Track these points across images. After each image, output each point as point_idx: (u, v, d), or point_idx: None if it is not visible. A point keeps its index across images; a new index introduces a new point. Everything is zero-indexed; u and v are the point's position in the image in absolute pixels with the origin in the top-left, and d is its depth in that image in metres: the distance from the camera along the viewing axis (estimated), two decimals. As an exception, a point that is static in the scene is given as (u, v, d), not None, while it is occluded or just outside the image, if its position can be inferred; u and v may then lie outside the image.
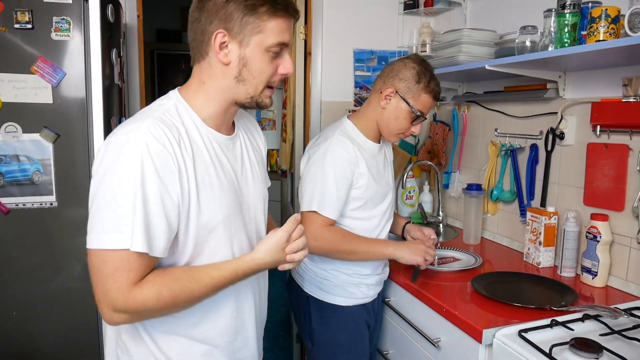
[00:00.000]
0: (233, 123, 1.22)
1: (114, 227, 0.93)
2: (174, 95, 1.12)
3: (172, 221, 1.00)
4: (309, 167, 1.66)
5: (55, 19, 1.71)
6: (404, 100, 1.64)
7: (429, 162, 2.70)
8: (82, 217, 1.81)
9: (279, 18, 1.05)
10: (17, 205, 1.75)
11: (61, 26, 1.72)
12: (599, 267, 1.70)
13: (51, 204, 1.78)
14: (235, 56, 1.06)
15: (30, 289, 1.79)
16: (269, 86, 1.11)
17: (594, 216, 1.71)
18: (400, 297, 1.85)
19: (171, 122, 1.04)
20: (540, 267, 1.94)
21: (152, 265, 1.00)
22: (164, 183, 0.97)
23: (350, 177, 1.64)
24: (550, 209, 1.92)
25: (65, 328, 1.84)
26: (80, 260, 1.82)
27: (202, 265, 1.07)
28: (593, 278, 1.72)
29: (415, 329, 1.71)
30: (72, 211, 1.80)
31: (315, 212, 1.60)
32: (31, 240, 1.78)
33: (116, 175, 0.95)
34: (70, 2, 1.72)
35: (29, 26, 1.69)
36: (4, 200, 1.73)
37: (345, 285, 1.72)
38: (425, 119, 1.70)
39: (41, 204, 1.77)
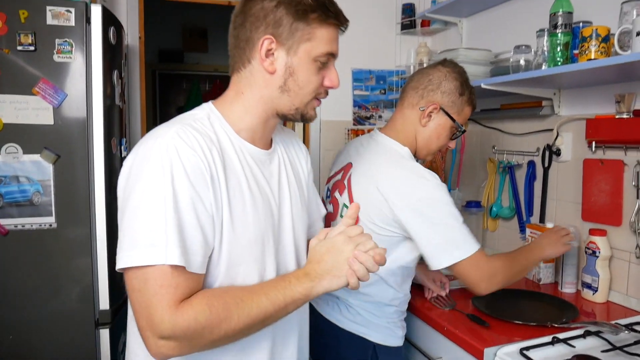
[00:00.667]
0: (271, 139, 1.14)
1: (144, 240, 0.84)
2: (206, 106, 1.05)
3: (207, 233, 0.91)
4: (422, 216, 1.39)
5: (57, 41, 1.74)
6: (448, 115, 1.50)
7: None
8: (81, 238, 1.82)
9: (329, 26, 0.99)
10: (16, 226, 1.75)
11: (63, 48, 1.75)
12: (599, 282, 1.69)
13: (50, 225, 1.79)
14: (281, 64, 0.99)
15: (28, 311, 1.78)
16: (316, 98, 1.06)
17: (592, 231, 1.72)
18: (400, 315, 1.84)
19: (203, 129, 0.96)
20: (541, 283, 1.93)
21: (199, 283, 0.90)
22: (196, 190, 0.89)
23: None
24: (549, 225, 1.92)
25: (62, 351, 1.83)
26: (78, 282, 1.82)
27: (258, 284, 0.96)
28: (594, 294, 1.71)
29: (417, 348, 1.70)
30: (71, 232, 1.81)
31: (472, 256, 1.38)
32: (29, 261, 1.78)
33: (144, 183, 0.87)
34: (73, 24, 1.75)
35: (32, 48, 1.72)
36: (3, 221, 1.74)
37: (401, 323, 1.59)
38: (465, 132, 1.57)
39: (40, 225, 1.78)
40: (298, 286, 0.93)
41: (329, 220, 1.59)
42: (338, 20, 1.00)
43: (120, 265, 0.86)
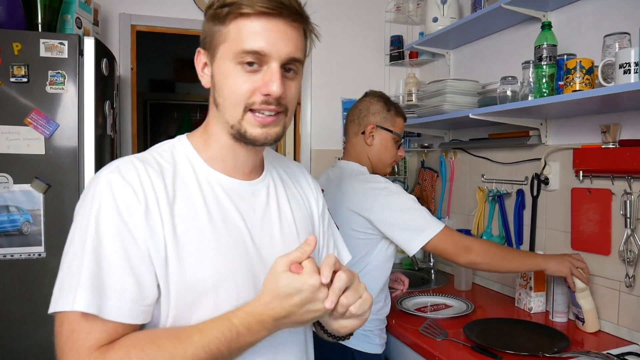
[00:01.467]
0: (262, 168, 1.01)
1: (62, 284, 0.76)
2: (178, 137, 0.95)
3: (142, 274, 0.78)
4: (390, 213, 1.62)
5: (50, 72, 1.76)
6: (385, 129, 1.78)
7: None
8: (70, 268, 1.80)
9: (247, 19, 0.81)
10: (5, 256, 1.73)
11: (56, 80, 1.76)
12: (583, 313, 1.70)
13: (39, 254, 1.77)
14: (210, 77, 0.89)
15: (15, 341, 1.75)
16: (252, 110, 0.85)
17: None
18: (391, 345, 1.83)
19: (155, 160, 0.87)
20: (532, 312, 1.93)
21: (125, 331, 0.77)
22: (127, 227, 0.78)
23: None
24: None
25: (49, 383, 1.79)
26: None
27: (193, 326, 0.79)
28: (582, 324, 1.72)
29: (408, 378, 1.68)
30: (59, 262, 1.78)
31: (441, 231, 1.59)
32: (16, 291, 1.75)
33: (75, 221, 0.81)
34: (66, 56, 1.77)
35: (25, 80, 1.73)
36: (-8, 251, 1.72)
37: (379, 332, 1.70)
38: (404, 138, 1.86)
39: (29, 255, 1.76)
40: (248, 337, 0.78)
41: None
42: (254, 9, 0.80)
43: (50, 309, 0.77)
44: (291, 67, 0.86)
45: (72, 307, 0.73)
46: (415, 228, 1.60)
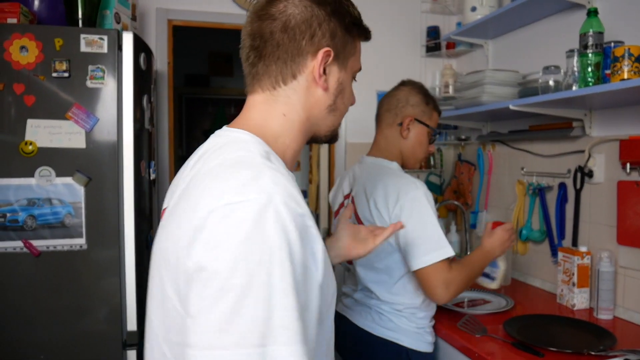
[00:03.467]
0: None
1: (246, 340, 0.62)
2: (247, 137, 0.81)
3: (320, 313, 0.72)
4: (410, 215, 1.50)
5: (90, 67, 1.79)
6: (422, 123, 1.70)
7: (456, 202, 2.67)
8: (109, 259, 1.84)
9: (363, 41, 0.94)
10: (48, 247, 1.78)
11: (96, 74, 1.79)
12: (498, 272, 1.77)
13: (81, 246, 1.81)
14: (334, 81, 0.87)
15: (57, 331, 1.80)
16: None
17: (628, 256, 1.66)
18: (429, 341, 1.80)
19: (282, 172, 0.74)
20: (575, 309, 1.87)
21: None
22: (306, 259, 0.68)
23: None
24: (582, 248, 1.87)
25: (91, 371, 1.84)
26: (107, 303, 1.83)
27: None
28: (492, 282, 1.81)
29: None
30: (100, 253, 1.83)
31: (439, 261, 1.47)
32: (59, 282, 1.80)
33: (246, 255, 0.63)
34: (106, 51, 1.80)
35: (66, 75, 1.76)
36: (36, 242, 1.77)
37: (430, 329, 1.67)
38: (438, 134, 1.80)
39: (71, 247, 1.80)
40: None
41: None
42: (369, 35, 0.93)
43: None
44: None
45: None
46: (426, 245, 1.47)
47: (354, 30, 0.88)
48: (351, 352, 1.66)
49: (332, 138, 0.95)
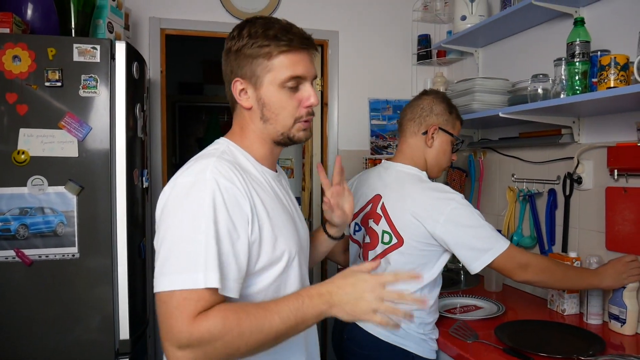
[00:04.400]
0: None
1: (187, 266, 0.92)
2: (222, 141, 1.17)
3: (241, 262, 0.99)
4: (457, 228, 1.55)
5: (83, 76, 1.80)
6: (446, 132, 1.71)
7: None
8: (102, 268, 1.84)
9: (285, 54, 1.08)
10: (40, 256, 1.78)
11: (89, 83, 1.80)
12: (627, 314, 1.65)
13: (73, 255, 1.81)
14: (253, 99, 1.11)
15: (50, 340, 1.79)
16: (300, 120, 1.13)
17: (617, 261, 1.68)
18: (422, 347, 1.81)
19: (231, 161, 1.07)
20: (565, 314, 1.89)
21: (219, 300, 0.95)
22: (233, 222, 0.98)
23: None
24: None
25: (83, 380, 1.83)
26: (99, 311, 1.83)
27: (273, 300, 1.00)
28: (622, 325, 1.67)
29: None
30: (92, 262, 1.83)
31: (507, 249, 1.53)
32: (52, 291, 1.80)
33: (186, 214, 0.96)
34: (98, 60, 1.81)
35: (59, 84, 1.77)
36: (28, 252, 1.77)
37: (434, 337, 1.69)
38: (463, 141, 1.82)
39: (63, 256, 1.80)
40: (310, 308, 0.97)
41: (366, 249, 1.72)
42: (291, 46, 1.08)
43: (161, 287, 0.92)
44: (312, 82, 1.15)
45: (205, 285, 0.91)
46: (480, 247, 1.53)
47: (262, 51, 1.07)
48: (359, 356, 1.66)
49: (290, 139, 1.15)
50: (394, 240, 1.63)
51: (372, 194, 1.74)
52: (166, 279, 0.92)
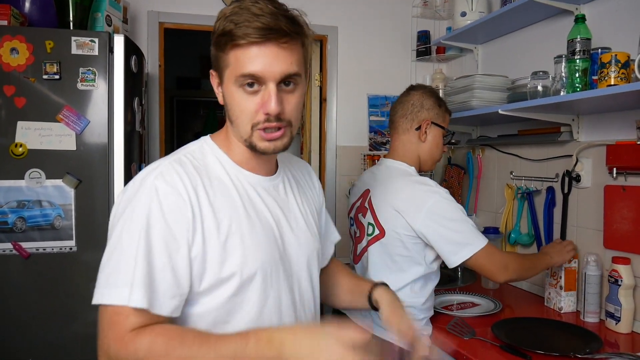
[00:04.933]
0: (277, 165, 1.13)
1: (115, 281, 0.86)
2: (203, 138, 1.06)
3: (181, 276, 0.89)
4: (438, 221, 1.57)
5: (81, 69, 1.79)
6: (438, 125, 1.74)
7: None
8: (99, 261, 1.82)
9: (242, 47, 0.91)
10: (38, 249, 1.78)
11: (87, 76, 1.79)
12: (621, 312, 1.65)
13: (70, 248, 1.81)
14: (222, 96, 1.00)
15: (47, 334, 1.79)
16: (259, 128, 0.95)
17: (615, 259, 1.68)
18: (419, 344, 1.81)
19: (190, 163, 0.97)
20: (562, 312, 1.89)
21: (154, 319, 0.87)
22: (172, 232, 0.89)
23: None
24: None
25: (80, 374, 1.83)
26: (96, 306, 1.82)
27: (218, 334, 0.88)
28: (617, 323, 1.67)
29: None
30: (90, 256, 1.82)
31: (484, 247, 1.56)
32: (49, 285, 1.79)
33: (123, 223, 0.89)
34: (97, 54, 1.80)
35: (57, 77, 1.76)
36: (25, 244, 1.76)
37: (428, 334, 1.68)
38: (452, 135, 1.85)
39: (61, 249, 1.80)
40: (254, 352, 0.82)
41: (356, 243, 1.80)
42: (248, 39, 0.90)
43: (94, 300, 0.88)
44: (290, 81, 0.95)
45: (128, 303, 0.84)
46: (459, 241, 1.56)
47: (221, 45, 0.94)
48: None
49: (252, 148, 0.98)
50: (377, 232, 1.69)
51: (363, 189, 1.81)
52: (97, 291, 0.87)
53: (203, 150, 1.02)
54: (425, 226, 1.58)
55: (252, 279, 0.96)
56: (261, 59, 0.91)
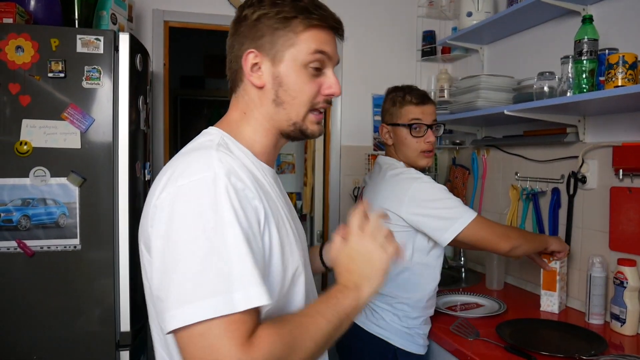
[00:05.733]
0: None
1: (217, 288, 0.73)
2: (214, 131, 0.97)
3: (261, 269, 0.80)
4: (422, 202, 1.59)
5: (86, 68, 1.79)
6: (394, 125, 1.75)
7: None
8: (104, 260, 1.84)
9: (315, 29, 0.93)
10: (42, 247, 1.78)
11: (92, 75, 1.79)
12: (627, 314, 1.65)
13: (75, 246, 1.81)
14: (268, 76, 0.94)
15: (51, 331, 1.79)
16: (315, 109, 0.97)
17: (620, 261, 1.68)
18: (422, 344, 1.81)
19: (229, 156, 0.87)
20: (540, 309, 1.91)
21: (259, 317, 0.79)
22: (251, 228, 0.81)
23: None
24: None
25: (83, 372, 1.83)
26: (100, 304, 1.83)
27: (307, 306, 0.91)
28: (622, 325, 1.66)
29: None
30: (94, 254, 1.82)
31: (475, 219, 1.57)
32: (53, 282, 1.80)
33: (216, 225, 0.76)
34: (102, 52, 1.80)
35: (62, 75, 1.76)
36: (30, 242, 1.76)
37: (423, 332, 1.70)
38: (423, 124, 1.72)
39: (65, 247, 1.80)
40: (345, 300, 0.88)
41: None
42: (325, 22, 0.93)
43: (187, 320, 0.72)
44: None
45: (249, 305, 0.74)
46: (447, 217, 1.56)
47: (288, 23, 0.92)
48: (342, 344, 1.70)
49: (301, 132, 0.98)
50: None
51: (363, 186, 1.91)
52: (189, 308, 0.72)
53: (226, 143, 0.93)
54: (410, 213, 1.59)
55: (301, 271, 0.95)
56: (332, 43, 0.96)
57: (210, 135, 0.96)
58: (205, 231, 0.76)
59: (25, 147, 1.75)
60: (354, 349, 1.68)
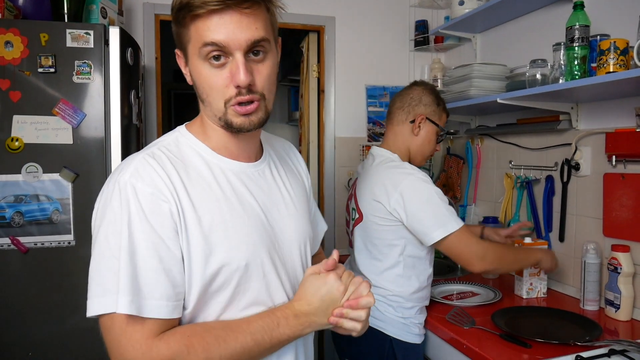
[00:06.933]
0: (262, 149, 1.08)
1: (102, 289, 0.82)
2: (178, 128, 1.02)
3: (174, 276, 0.85)
4: (411, 199, 1.60)
5: (77, 62, 1.77)
6: (433, 122, 1.77)
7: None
8: (99, 255, 1.83)
9: (201, 18, 0.85)
10: (36, 244, 1.77)
11: (82, 69, 1.78)
12: (621, 299, 1.66)
13: (69, 242, 1.80)
14: (190, 75, 0.95)
15: (46, 328, 1.79)
16: (234, 102, 0.89)
17: (614, 247, 1.69)
18: (419, 334, 1.81)
19: (165, 155, 0.91)
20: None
21: (167, 326, 0.85)
22: (157, 232, 0.84)
23: None
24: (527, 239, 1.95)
25: (81, 368, 1.83)
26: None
27: (240, 319, 0.91)
28: (616, 311, 1.68)
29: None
30: (89, 250, 1.79)
31: (459, 230, 1.57)
32: (48, 279, 1.79)
33: (105, 229, 0.84)
34: (92, 46, 1.79)
35: (52, 70, 1.75)
36: (23, 239, 1.75)
37: (419, 322, 1.71)
38: (446, 135, 1.81)
39: (59, 243, 1.79)
40: (286, 328, 0.90)
41: (348, 228, 1.88)
42: (203, 9, 0.84)
43: (88, 312, 0.83)
44: (259, 50, 0.89)
45: (116, 309, 0.80)
46: (432, 223, 1.58)
47: (180, 21, 0.89)
48: (340, 336, 1.69)
49: (228, 125, 0.92)
50: (357, 216, 1.75)
51: (356, 177, 1.89)
52: (88, 302, 0.83)
53: (178, 141, 0.97)
54: (398, 205, 1.61)
55: (244, 271, 0.92)
56: (223, 27, 0.85)
57: (170, 134, 1.00)
58: (107, 236, 0.84)
59: (16, 143, 1.73)
60: (351, 338, 1.68)
